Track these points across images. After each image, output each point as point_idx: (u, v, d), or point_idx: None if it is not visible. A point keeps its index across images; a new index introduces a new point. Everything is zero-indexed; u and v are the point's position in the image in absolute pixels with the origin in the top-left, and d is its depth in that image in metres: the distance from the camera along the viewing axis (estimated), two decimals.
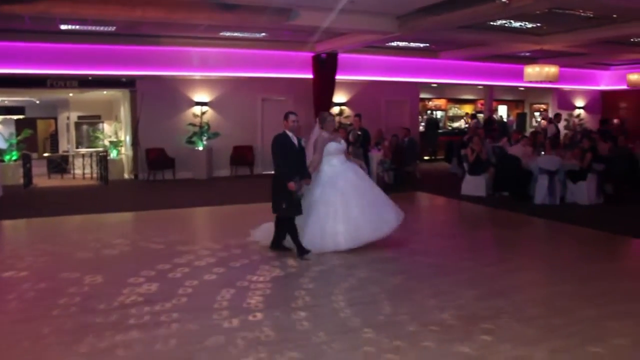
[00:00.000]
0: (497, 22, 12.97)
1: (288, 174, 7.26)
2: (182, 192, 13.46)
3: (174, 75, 15.85)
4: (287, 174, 7.26)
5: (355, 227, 7.46)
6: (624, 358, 4.45)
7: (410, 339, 4.77)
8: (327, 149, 7.82)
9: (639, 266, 7.87)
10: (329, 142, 7.84)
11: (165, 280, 6.41)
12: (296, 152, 7.50)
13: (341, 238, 7.46)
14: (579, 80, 22.16)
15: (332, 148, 7.85)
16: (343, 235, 7.46)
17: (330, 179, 7.72)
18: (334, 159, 7.86)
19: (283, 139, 7.53)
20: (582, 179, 11.83)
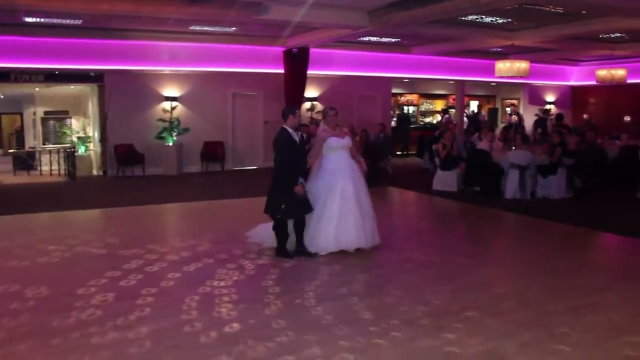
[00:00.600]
0: (469, 18, 13.02)
1: (294, 179, 6.97)
2: (152, 188, 13.24)
3: (143, 70, 15.61)
4: (293, 179, 6.97)
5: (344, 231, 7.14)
6: (592, 351, 4.43)
7: (380, 334, 4.71)
8: (328, 145, 7.43)
9: (607, 259, 7.92)
10: (330, 137, 7.42)
11: (128, 284, 6.26)
12: (298, 149, 7.21)
13: (331, 241, 7.16)
14: (549, 76, 22.40)
15: (333, 144, 7.43)
16: (333, 238, 7.15)
17: (330, 177, 7.31)
18: (334, 155, 7.42)
19: (286, 136, 7.13)
20: (552, 173, 11.91)
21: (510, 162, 11.95)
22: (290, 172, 7.03)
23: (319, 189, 7.30)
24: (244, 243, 7.86)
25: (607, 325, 4.98)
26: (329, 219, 7.16)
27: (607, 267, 7.31)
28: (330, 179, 7.29)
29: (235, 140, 17.20)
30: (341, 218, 7.15)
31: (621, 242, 8.59)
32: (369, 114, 18.70)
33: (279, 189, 7.08)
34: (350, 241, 7.20)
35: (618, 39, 16.27)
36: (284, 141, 7.08)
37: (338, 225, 7.15)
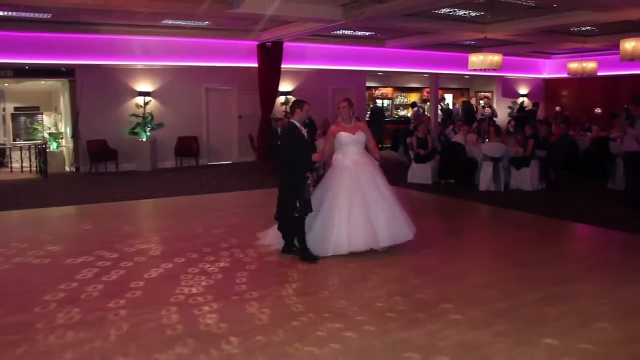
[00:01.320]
0: (442, 11, 13.04)
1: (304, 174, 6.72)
2: (125, 184, 13.07)
3: (115, 65, 15.41)
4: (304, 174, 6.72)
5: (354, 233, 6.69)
6: (567, 339, 4.48)
7: (357, 327, 4.72)
8: (338, 140, 7.04)
9: (580, 249, 8.04)
10: (340, 132, 7.03)
11: (110, 282, 6.18)
12: (306, 144, 6.93)
13: (344, 242, 6.71)
14: (522, 69, 22.61)
15: (343, 139, 7.02)
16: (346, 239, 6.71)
17: (340, 174, 6.94)
18: (345, 151, 7.00)
19: (295, 130, 6.79)
20: (526, 165, 12.03)
21: (484, 154, 12.05)
22: (301, 168, 6.74)
23: (328, 187, 6.95)
24: (218, 239, 7.80)
25: (580, 314, 5.05)
26: (340, 219, 6.73)
27: (579, 256, 7.42)
28: (340, 177, 6.91)
29: (209, 135, 17.08)
30: (350, 218, 6.72)
31: (593, 232, 8.71)
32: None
33: (292, 187, 6.74)
34: (360, 243, 6.71)
35: (588, 32, 16.46)
36: (293, 137, 6.78)
37: (349, 226, 6.70)
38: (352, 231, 6.69)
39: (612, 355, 4.25)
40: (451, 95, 24.70)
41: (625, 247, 8.04)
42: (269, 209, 10.41)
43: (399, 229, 6.91)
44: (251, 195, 11.83)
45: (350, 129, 7.03)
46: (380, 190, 6.91)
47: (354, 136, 6.97)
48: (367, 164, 7.01)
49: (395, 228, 6.87)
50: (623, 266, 6.74)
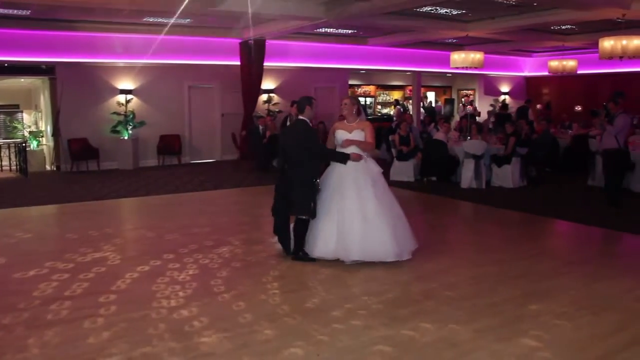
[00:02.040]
0: (424, 9, 13.09)
1: (339, 155, 6.51)
2: (107, 183, 12.98)
3: (96, 62, 15.29)
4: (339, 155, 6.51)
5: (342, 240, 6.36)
6: (546, 335, 4.53)
7: (338, 324, 4.74)
8: (335, 137, 6.76)
9: (559, 246, 8.12)
10: (337, 129, 6.76)
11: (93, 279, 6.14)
12: (319, 141, 6.70)
13: (331, 247, 6.42)
14: (503, 67, 22.79)
15: (338, 136, 6.73)
16: (334, 244, 6.41)
17: (334, 176, 6.65)
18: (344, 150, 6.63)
19: (307, 127, 6.55)
20: (507, 162, 12.12)
21: (466, 152, 12.12)
22: (316, 167, 6.56)
23: (324, 187, 6.65)
24: (202, 238, 7.78)
25: (559, 310, 5.10)
26: (329, 223, 6.43)
27: (559, 253, 7.49)
28: (334, 178, 6.63)
29: (192, 133, 17.02)
30: (339, 225, 6.40)
31: (573, 229, 8.80)
32: (327, 106, 18.70)
33: (304, 187, 6.44)
34: (348, 253, 6.34)
35: (568, 31, 16.63)
36: (311, 133, 6.57)
37: (338, 232, 6.38)
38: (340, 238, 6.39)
39: (591, 350, 4.30)
40: (433, 93, 24.82)
41: (604, 243, 8.15)
42: (253, 206, 10.43)
43: (378, 246, 6.34)
44: (234, 194, 11.80)
45: (349, 126, 6.69)
46: (362, 201, 6.41)
47: (349, 134, 6.64)
48: (363, 169, 6.58)
49: (372, 244, 6.32)
50: (602, 262, 6.82)
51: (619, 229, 8.40)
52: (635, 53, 12.49)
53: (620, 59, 12.77)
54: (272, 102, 17.82)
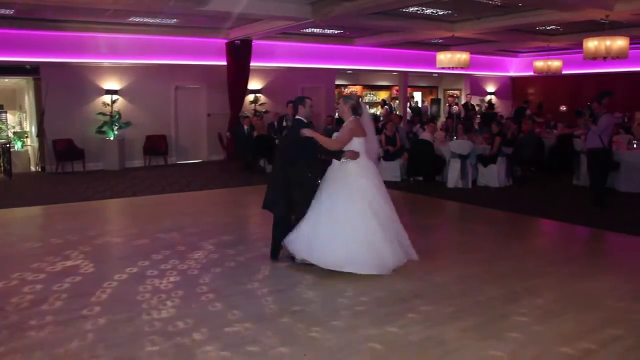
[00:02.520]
0: (410, 9, 13.13)
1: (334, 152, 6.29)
2: (93, 184, 12.89)
3: (82, 63, 15.18)
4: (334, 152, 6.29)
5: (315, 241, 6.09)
6: (530, 333, 4.57)
7: (325, 324, 4.76)
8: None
9: (545, 245, 8.17)
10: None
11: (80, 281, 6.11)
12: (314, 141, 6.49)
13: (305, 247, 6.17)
14: (489, 67, 22.90)
15: (333, 137, 6.64)
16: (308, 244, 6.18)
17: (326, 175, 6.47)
18: None
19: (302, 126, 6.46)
20: (493, 162, 12.19)
21: (452, 152, 12.18)
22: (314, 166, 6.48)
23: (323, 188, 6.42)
24: (188, 239, 7.77)
25: (544, 308, 5.15)
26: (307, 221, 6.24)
27: (545, 252, 7.54)
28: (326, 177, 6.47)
29: (178, 134, 16.96)
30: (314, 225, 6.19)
31: (558, 228, 8.88)
32: (314, 106, 18.68)
33: (305, 186, 6.37)
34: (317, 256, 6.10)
35: (553, 31, 16.76)
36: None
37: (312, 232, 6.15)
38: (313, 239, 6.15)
39: (575, 346, 4.34)
40: (420, 93, 24.89)
41: (588, 242, 8.23)
42: (239, 207, 10.42)
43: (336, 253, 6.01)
44: (221, 194, 11.77)
45: (342, 126, 6.60)
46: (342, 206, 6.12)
47: (336, 134, 6.61)
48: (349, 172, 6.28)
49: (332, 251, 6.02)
50: (586, 261, 6.90)
51: (604, 228, 8.48)
52: (618, 54, 12.61)
53: (604, 59, 12.89)
54: (258, 102, 17.81)
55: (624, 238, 8.00)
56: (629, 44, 12.74)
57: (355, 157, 6.25)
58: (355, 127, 6.34)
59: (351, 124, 6.39)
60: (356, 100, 6.60)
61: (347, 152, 6.23)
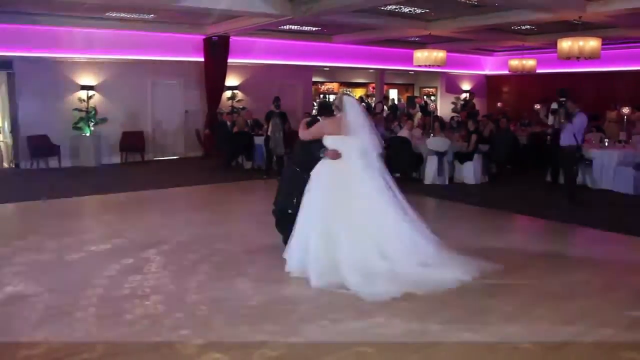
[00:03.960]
0: (388, 8, 13.22)
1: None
2: (69, 180, 12.79)
3: (56, 57, 14.99)
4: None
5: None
6: (511, 324, 4.70)
7: (307, 319, 4.83)
8: None
9: (520, 239, 8.34)
10: None
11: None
12: None
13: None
14: (465, 65, 23.13)
15: None
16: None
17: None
18: None
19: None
20: (469, 159, 12.37)
21: (429, 149, 12.33)
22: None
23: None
24: (170, 236, 7.77)
25: (521, 301, 5.29)
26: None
27: (521, 246, 7.69)
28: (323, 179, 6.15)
29: (155, 130, 16.86)
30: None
31: (533, 223, 9.07)
32: (290, 103, 18.72)
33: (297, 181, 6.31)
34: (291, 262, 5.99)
35: (528, 31, 17.02)
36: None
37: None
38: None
39: (554, 336, 4.49)
40: (396, 91, 25.06)
41: (563, 236, 8.40)
42: (221, 203, 10.43)
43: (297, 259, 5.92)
44: (201, 190, 11.76)
45: None
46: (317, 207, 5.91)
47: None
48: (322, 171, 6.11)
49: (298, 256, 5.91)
50: (561, 255, 7.07)
51: (577, 223, 8.70)
52: (591, 54, 12.86)
53: (577, 59, 13.14)
54: (236, 98, 17.78)
55: (596, 233, 8.22)
56: (601, 45, 13.03)
57: (335, 157, 6.01)
58: (325, 125, 6.18)
59: (324, 121, 6.31)
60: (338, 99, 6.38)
61: (328, 151, 6.05)
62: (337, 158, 5.99)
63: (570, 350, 4.32)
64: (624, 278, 6.12)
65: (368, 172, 6.00)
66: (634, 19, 13.25)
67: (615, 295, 5.53)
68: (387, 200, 5.94)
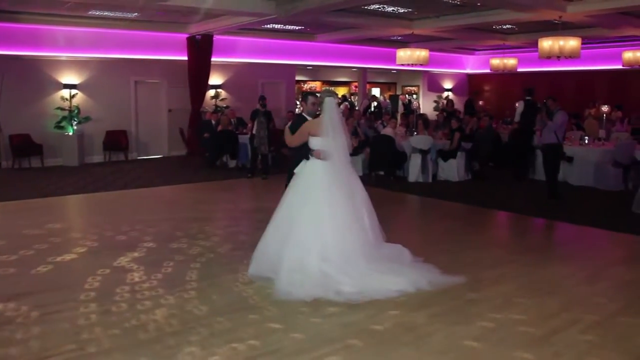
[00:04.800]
0: (371, 7, 13.33)
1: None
2: (52, 180, 12.69)
3: (39, 56, 14.88)
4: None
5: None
6: (497, 318, 4.81)
7: (296, 314, 4.90)
8: None
9: (504, 236, 8.52)
10: None
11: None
12: None
13: None
14: (447, 64, 23.33)
15: None
16: None
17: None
18: None
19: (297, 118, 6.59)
20: (452, 157, 12.51)
21: (413, 147, 12.45)
22: None
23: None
24: (158, 234, 7.79)
25: (505, 294, 5.41)
26: None
27: (505, 242, 7.86)
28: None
29: (139, 129, 16.80)
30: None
31: (515, 219, 9.21)
32: (274, 101, 18.75)
33: None
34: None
35: (509, 31, 17.24)
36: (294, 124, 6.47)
37: None
38: None
39: (538, 329, 4.60)
40: (379, 89, 25.21)
41: (545, 232, 8.59)
42: (206, 202, 10.44)
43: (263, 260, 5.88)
44: (186, 189, 11.75)
45: None
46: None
47: None
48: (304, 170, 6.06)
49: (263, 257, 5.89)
50: (543, 250, 7.22)
51: (558, 219, 8.86)
52: (571, 53, 13.08)
53: (558, 58, 13.35)
54: (219, 97, 17.77)
55: (577, 228, 8.39)
56: (581, 44, 13.25)
57: (320, 157, 5.88)
58: (309, 125, 6.10)
59: (308, 122, 6.24)
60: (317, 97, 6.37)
61: (314, 151, 5.93)
62: (324, 158, 5.87)
63: (557, 339, 4.43)
64: (607, 271, 6.28)
65: (333, 174, 5.85)
66: (612, 19, 13.52)
67: (599, 287, 5.70)
68: (344, 205, 5.76)
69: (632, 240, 7.80)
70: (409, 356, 4.14)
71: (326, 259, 5.49)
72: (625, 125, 16.44)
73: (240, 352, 4.18)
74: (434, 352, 4.21)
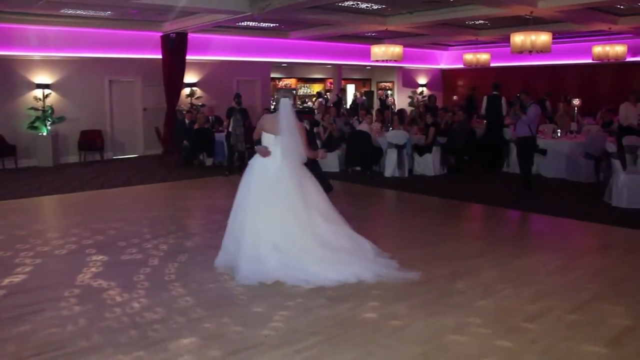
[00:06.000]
0: (345, 4, 13.42)
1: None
2: (27, 180, 12.54)
3: (10, 55, 14.67)
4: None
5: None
6: (475, 307, 4.92)
7: (280, 308, 4.95)
8: None
9: (480, 228, 8.68)
10: None
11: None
12: None
13: None
14: (421, 60, 23.53)
15: None
16: None
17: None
18: None
19: None
20: (428, 152, 12.66)
21: (389, 142, 12.57)
22: None
23: None
24: (136, 233, 7.78)
25: (483, 285, 5.54)
26: None
27: (481, 234, 8.01)
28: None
29: (114, 128, 16.67)
30: None
31: (491, 212, 9.36)
32: (249, 99, 18.72)
33: None
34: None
35: (481, 26, 17.43)
36: None
37: None
38: None
39: (513, 317, 4.72)
40: (353, 86, 25.32)
41: (520, 224, 8.77)
42: (184, 199, 10.44)
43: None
44: (162, 188, 11.72)
45: None
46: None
47: None
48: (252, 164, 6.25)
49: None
50: (519, 240, 7.41)
51: (533, 211, 9.05)
52: (542, 48, 13.32)
53: (530, 53, 13.58)
54: (195, 95, 17.72)
55: (551, 219, 8.57)
56: (552, 39, 13.48)
57: (264, 154, 6.00)
58: (263, 122, 6.20)
59: (264, 117, 6.39)
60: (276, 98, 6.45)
61: (259, 147, 6.05)
62: (266, 155, 6.00)
63: (534, 327, 4.55)
64: (580, 259, 6.44)
65: (285, 172, 5.95)
66: (582, 15, 13.78)
67: (573, 275, 5.86)
68: (296, 200, 5.88)
69: (604, 229, 8.01)
70: (390, 347, 4.23)
71: (278, 248, 5.72)
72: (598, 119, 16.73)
73: (224, 346, 4.23)
74: (415, 342, 4.30)
